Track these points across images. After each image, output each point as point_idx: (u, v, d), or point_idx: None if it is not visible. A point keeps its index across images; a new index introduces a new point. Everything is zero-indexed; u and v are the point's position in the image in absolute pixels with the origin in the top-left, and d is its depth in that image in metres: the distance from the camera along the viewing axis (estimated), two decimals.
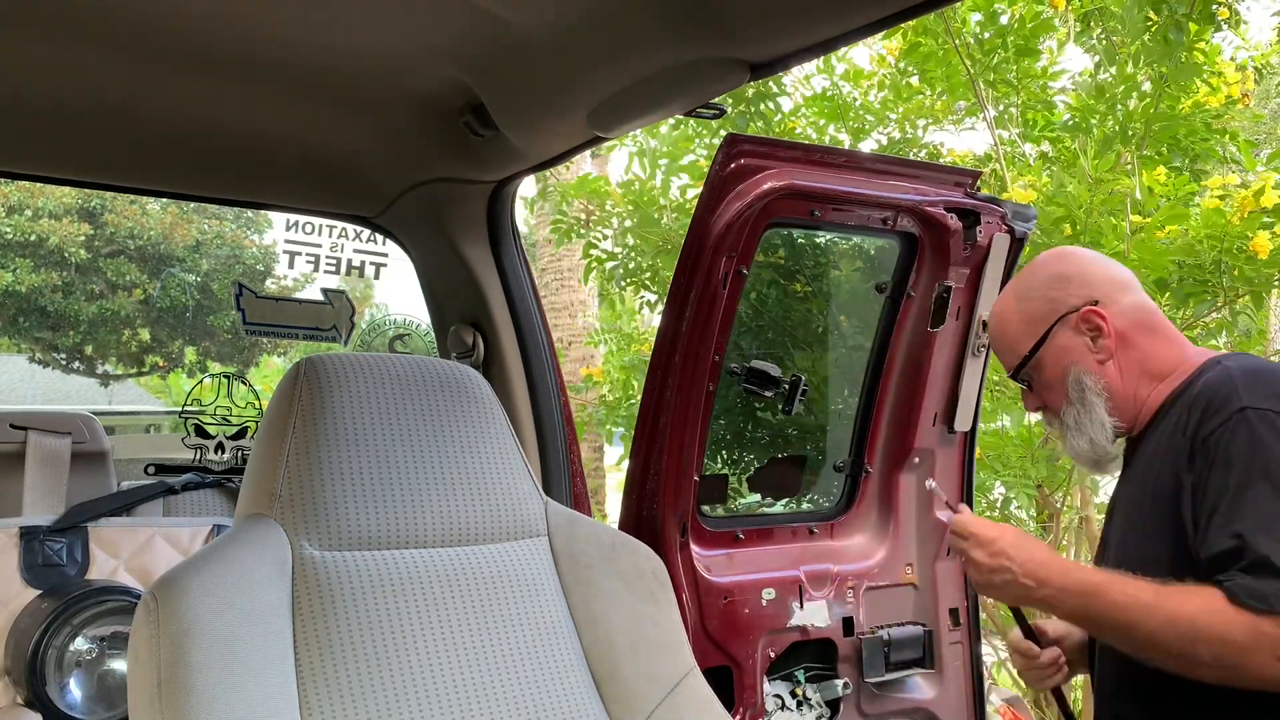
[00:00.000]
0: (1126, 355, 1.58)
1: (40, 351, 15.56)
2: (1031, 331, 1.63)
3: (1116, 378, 1.58)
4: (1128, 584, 1.42)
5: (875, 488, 2.38)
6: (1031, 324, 1.63)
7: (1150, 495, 1.51)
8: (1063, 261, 1.66)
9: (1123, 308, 1.59)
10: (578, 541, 1.48)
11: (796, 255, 3.00)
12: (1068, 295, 1.60)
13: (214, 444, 2.43)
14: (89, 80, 1.67)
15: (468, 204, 2.14)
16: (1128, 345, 1.58)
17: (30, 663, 1.73)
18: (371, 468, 1.32)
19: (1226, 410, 1.38)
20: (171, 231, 14.58)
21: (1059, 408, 1.63)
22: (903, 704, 2.31)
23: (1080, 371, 1.59)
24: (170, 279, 14.69)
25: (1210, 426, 1.39)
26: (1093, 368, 1.58)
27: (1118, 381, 1.58)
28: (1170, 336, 1.60)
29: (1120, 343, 1.57)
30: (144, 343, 15.49)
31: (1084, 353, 1.58)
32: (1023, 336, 1.64)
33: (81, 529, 1.99)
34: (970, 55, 3.87)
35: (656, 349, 1.99)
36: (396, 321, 2.95)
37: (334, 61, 1.62)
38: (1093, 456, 1.61)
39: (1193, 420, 1.43)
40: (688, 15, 1.33)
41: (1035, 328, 1.62)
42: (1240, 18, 3.93)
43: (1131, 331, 1.58)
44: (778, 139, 3.11)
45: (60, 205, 13.72)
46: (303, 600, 1.22)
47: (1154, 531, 1.48)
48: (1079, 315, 1.58)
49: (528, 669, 1.34)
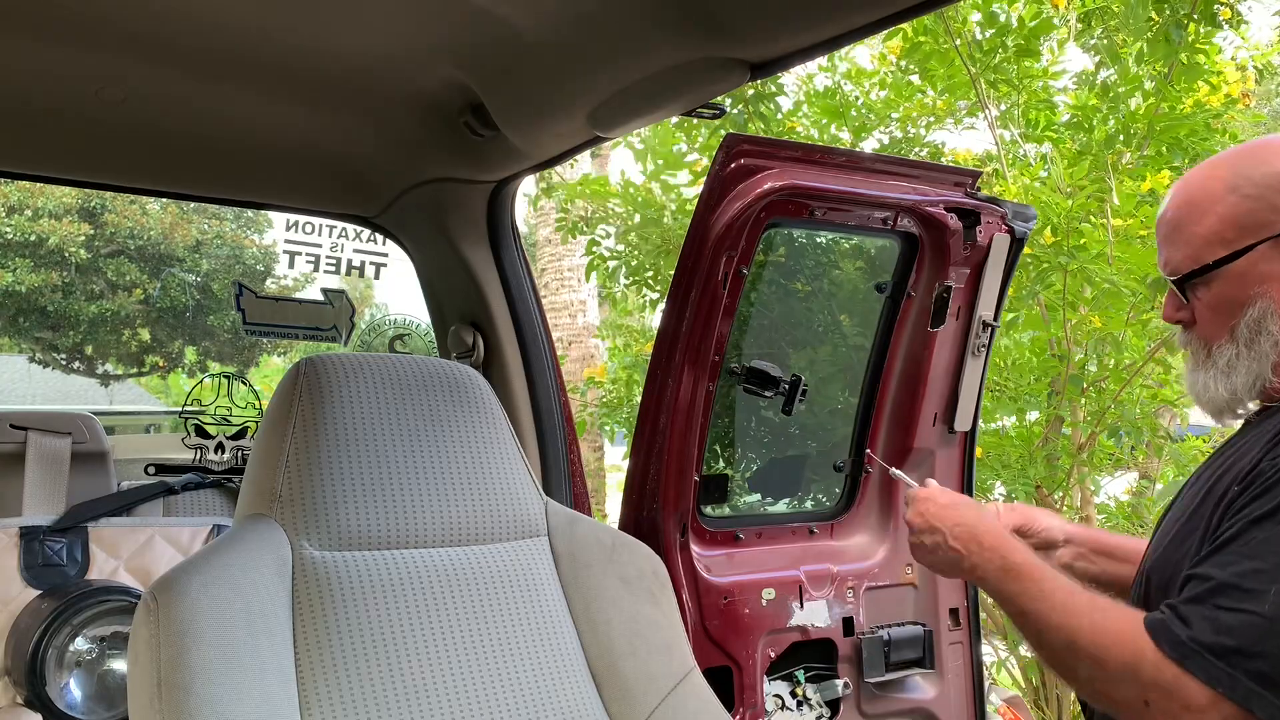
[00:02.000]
0: None
1: (40, 351, 15.56)
2: (1229, 236, 1.25)
3: None
4: (1059, 579, 1.27)
5: (875, 488, 2.38)
6: (1234, 226, 1.25)
7: (1206, 493, 1.27)
8: None
9: None
10: (578, 541, 1.48)
11: (797, 255, 3.00)
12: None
13: (214, 444, 2.43)
14: (89, 80, 1.67)
15: (468, 204, 2.14)
16: None
17: (30, 663, 1.73)
18: (371, 468, 1.32)
19: None
20: (171, 231, 14.58)
21: (1214, 339, 1.30)
22: (903, 704, 2.31)
23: (1269, 310, 1.24)
24: (170, 279, 14.69)
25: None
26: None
27: None
28: None
29: None
30: (144, 343, 15.50)
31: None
32: (1213, 237, 1.27)
33: (81, 529, 1.99)
34: (971, 55, 3.88)
35: (656, 349, 1.99)
36: (396, 321, 2.95)
37: (334, 61, 1.62)
38: (1221, 405, 1.31)
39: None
40: (688, 15, 1.33)
41: (1237, 234, 1.25)
42: (1241, 18, 3.93)
43: None
44: (778, 139, 3.10)
45: (60, 205, 13.71)
46: (303, 600, 1.22)
47: (1186, 538, 1.27)
48: None
49: (528, 669, 1.34)
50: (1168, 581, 1.26)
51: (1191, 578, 1.17)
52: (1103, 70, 4.31)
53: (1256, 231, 1.24)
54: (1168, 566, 1.29)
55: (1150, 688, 1.13)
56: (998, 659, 4.23)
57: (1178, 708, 1.10)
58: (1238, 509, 1.17)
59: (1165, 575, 1.28)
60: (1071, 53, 4.40)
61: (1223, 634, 1.09)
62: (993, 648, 4.17)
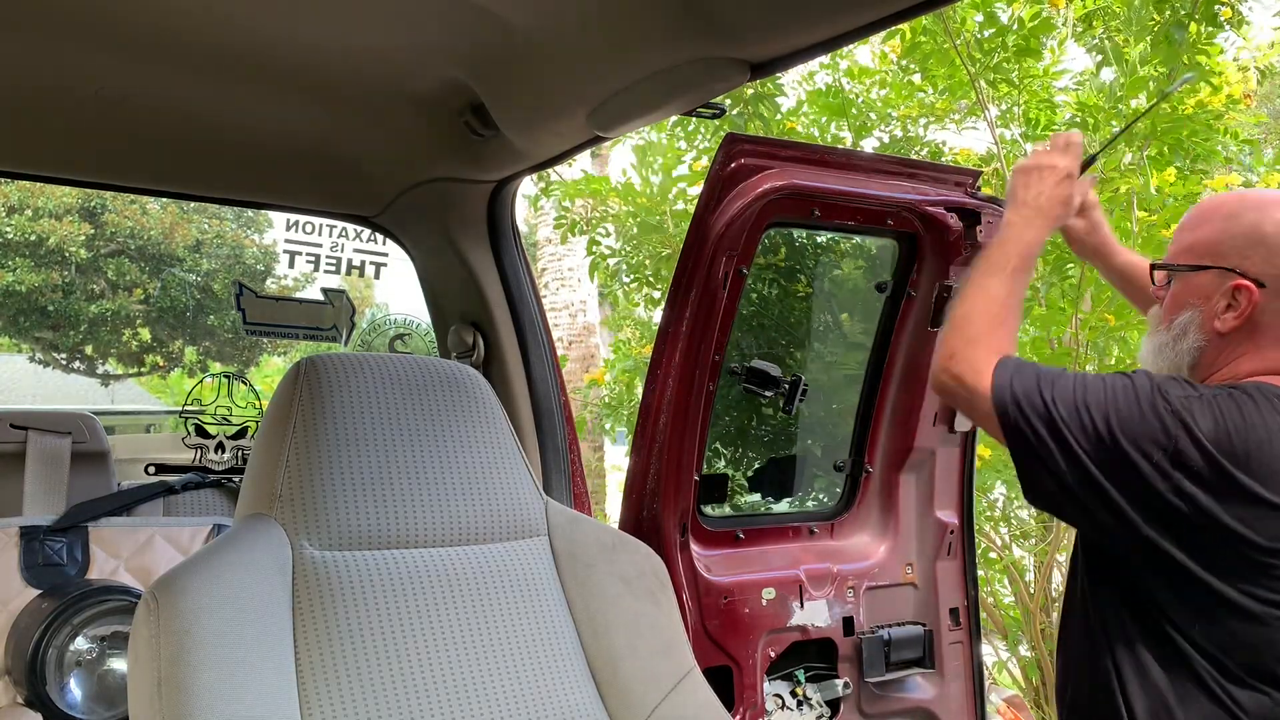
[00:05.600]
0: (1244, 343, 1.48)
1: (41, 351, 15.57)
2: (1198, 253, 1.52)
3: (1215, 352, 1.50)
4: (1016, 272, 1.59)
5: (875, 487, 2.38)
6: (1205, 247, 1.51)
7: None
8: (1278, 223, 1.47)
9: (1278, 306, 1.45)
10: (578, 541, 1.48)
11: (797, 255, 3.00)
12: (1253, 256, 1.46)
13: (214, 444, 2.43)
14: (89, 80, 1.67)
15: (468, 204, 2.14)
16: (1251, 336, 1.47)
17: (30, 662, 1.73)
18: (372, 467, 1.32)
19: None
20: (171, 231, 14.58)
21: (1163, 323, 1.57)
22: (903, 704, 2.31)
23: (1194, 321, 1.51)
24: (170, 279, 14.69)
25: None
26: (1207, 328, 1.50)
27: (1214, 353, 1.50)
28: None
29: (1245, 332, 1.47)
30: (144, 342, 15.50)
31: (1213, 308, 1.48)
32: (1191, 248, 1.53)
33: (81, 529, 1.99)
34: (971, 55, 3.87)
35: (656, 349, 1.99)
36: (396, 321, 2.95)
37: (334, 61, 1.62)
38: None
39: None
40: (688, 15, 1.33)
41: (1200, 253, 1.51)
42: (1243, 18, 3.92)
43: (1271, 329, 1.46)
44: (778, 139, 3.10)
45: (60, 205, 13.72)
46: (303, 600, 1.22)
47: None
48: (1234, 281, 1.46)
49: (528, 668, 1.34)
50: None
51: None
52: (1104, 70, 4.30)
53: (1211, 256, 1.50)
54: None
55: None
56: (998, 659, 4.23)
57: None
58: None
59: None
60: (1073, 51, 4.40)
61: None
62: (993, 648, 4.17)
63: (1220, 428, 1.35)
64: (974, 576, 2.41)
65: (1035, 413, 1.41)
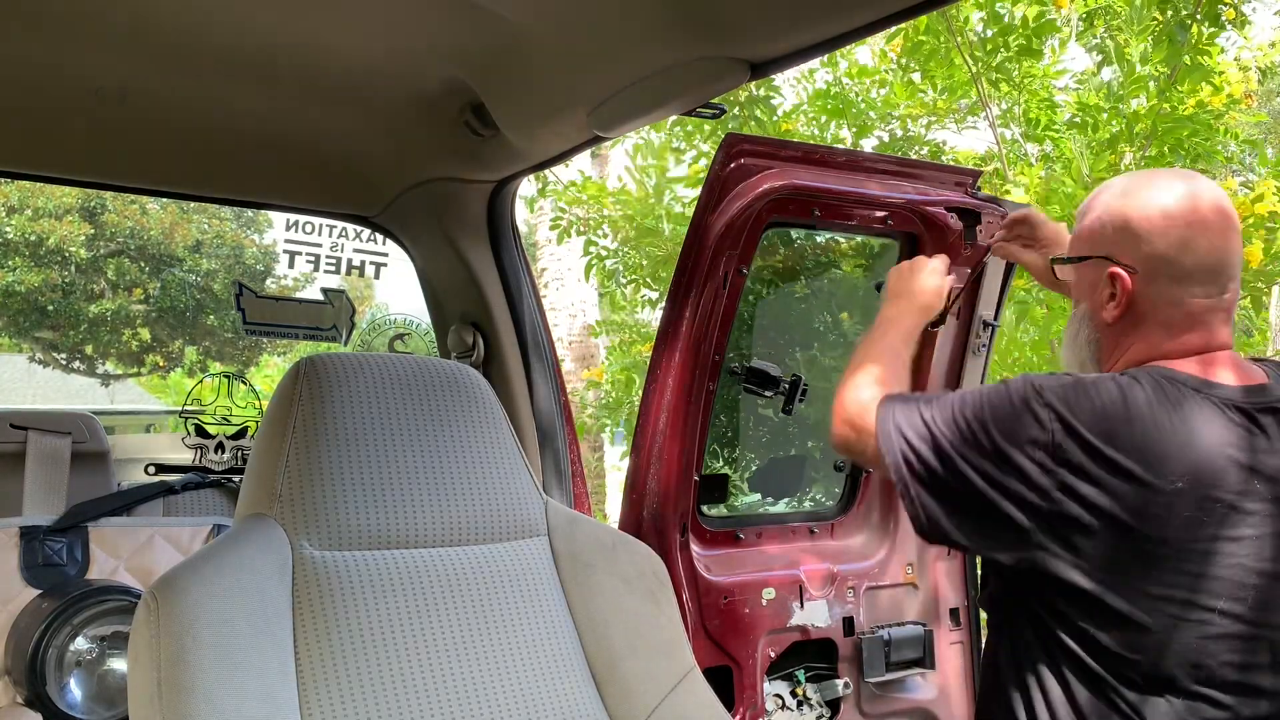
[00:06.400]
0: (1130, 332, 1.46)
1: (41, 351, 15.57)
2: (1080, 240, 1.51)
3: (1109, 341, 1.49)
4: (896, 346, 1.64)
5: (875, 488, 2.38)
6: (1085, 234, 1.50)
7: None
8: (1149, 211, 1.43)
9: (1161, 295, 1.42)
10: (578, 541, 1.48)
11: (797, 255, 3.00)
12: (1125, 246, 1.44)
13: (214, 444, 2.43)
14: (89, 80, 1.67)
15: (468, 204, 2.14)
16: (1136, 325, 1.45)
17: (30, 662, 1.73)
18: (371, 468, 1.32)
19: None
20: (171, 231, 14.58)
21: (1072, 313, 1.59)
22: (903, 704, 2.31)
23: (1085, 314, 1.52)
24: (170, 278, 14.70)
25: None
26: (1097, 320, 1.49)
27: (1109, 345, 1.50)
28: (1189, 335, 1.42)
29: (1129, 321, 1.45)
30: (144, 342, 15.50)
31: (1100, 300, 1.47)
32: (1078, 234, 1.53)
33: (81, 529, 1.99)
34: (972, 54, 3.87)
35: (656, 349, 1.99)
36: (396, 321, 2.95)
37: (334, 61, 1.62)
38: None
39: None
40: (688, 15, 1.33)
41: (1082, 243, 1.51)
42: (1246, 18, 3.92)
43: (1150, 317, 1.43)
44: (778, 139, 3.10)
45: (60, 205, 13.72)
46: (303, 600, 1.22)
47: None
48: (1113, 271, 1.44)
49: (528, 669, 1.34)
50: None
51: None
52: (1105, 69, 4.31)
53: (1091, 247, 1.49)
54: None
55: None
56: None
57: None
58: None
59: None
60: (1074, 51, 4.40)
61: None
62: None
63: (1100, 414, 1.31)
64: (974, 577, 2.41)
65: (918, 434, 1.39)
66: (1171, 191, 1.42)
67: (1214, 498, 1.30)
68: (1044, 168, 4.07)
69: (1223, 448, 1.32)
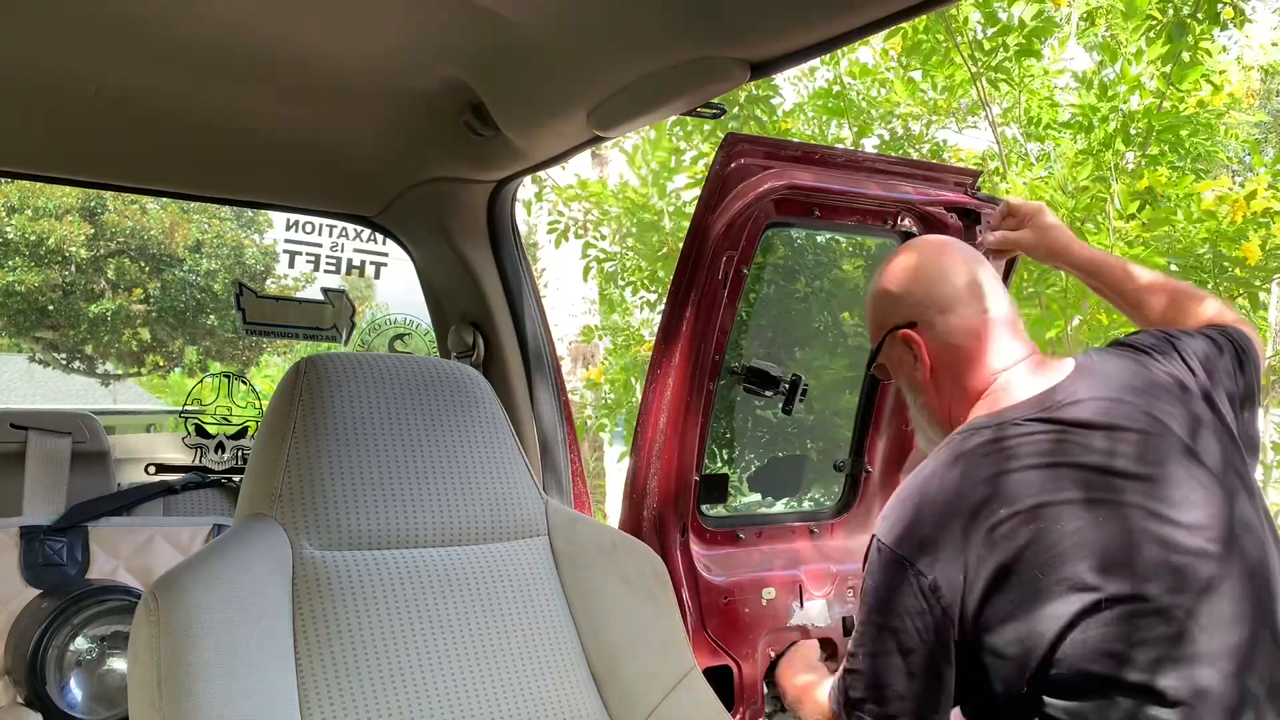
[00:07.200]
0: (943, 377, 1.54)
1: (41, 351, 15.57)
2: (871, 334, 1.63)
3: (935, 398, 1.56)
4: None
5: (875, 487, 2.38)
6: (873, 327, 1.63)
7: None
8: (894, 275, 1.59)
9: (940, 330, 1.52)
10: (578, 541, 1.48)
11: (797, 255, 3.00)
12: (893, 311, 1.58)
13: (214, 444, 2.43)
14: (89, 80, 1.67)
15: (468, 204, 2.13)
16: (943, 368, 1.53)
17: (30, 662, 1.73)
18: (371, 467, 1.32)
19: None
20: (171, 231, 14.58)
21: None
22: None
23: (910, 388, 1.60)
24: (170, 278, 14.69)
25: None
26: (917, 384, 1.57)
27: (936, 402, 1.56)
28: (987, 356, 1.51)
29: (936, 366, 1.54)
30: (144, 342, 15.50)
31: (911, 368, 1.56)
32: (869, 332, 1.64)
33: (81, 529, 1.99)
34: (972, 54, 3.87)
35: (656, 349, 1.99)
36: (396, 321, 2.95)
37: (334, 61, 1.62)
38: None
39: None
40: (688, 15, 1.33)
41: (874, 334, 1.62)
42: (1246, 17, 3.92)
43: (946, 355, 1.53)
44: (778, 139, 3.10)
45: (60, 205, 13.72)
46: (303, 600, 1.22)
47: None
48: (900, 334, 1.55)
49: (528, 668, 1.34)
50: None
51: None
52: (1105, 69, 4.30)
53: (880, 329, 1.60)
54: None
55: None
56: None
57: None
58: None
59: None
60: (1074, 50, 4.40)
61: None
62: None
63: (921, 524, 1.37)
64: None
65: (854, 674, 1.42)
66: (902, 254, 1.60)
67: (1036, 513, 1.33)
68: (1044, 167, 4.08)
69: (1027, 466, 1.37)
